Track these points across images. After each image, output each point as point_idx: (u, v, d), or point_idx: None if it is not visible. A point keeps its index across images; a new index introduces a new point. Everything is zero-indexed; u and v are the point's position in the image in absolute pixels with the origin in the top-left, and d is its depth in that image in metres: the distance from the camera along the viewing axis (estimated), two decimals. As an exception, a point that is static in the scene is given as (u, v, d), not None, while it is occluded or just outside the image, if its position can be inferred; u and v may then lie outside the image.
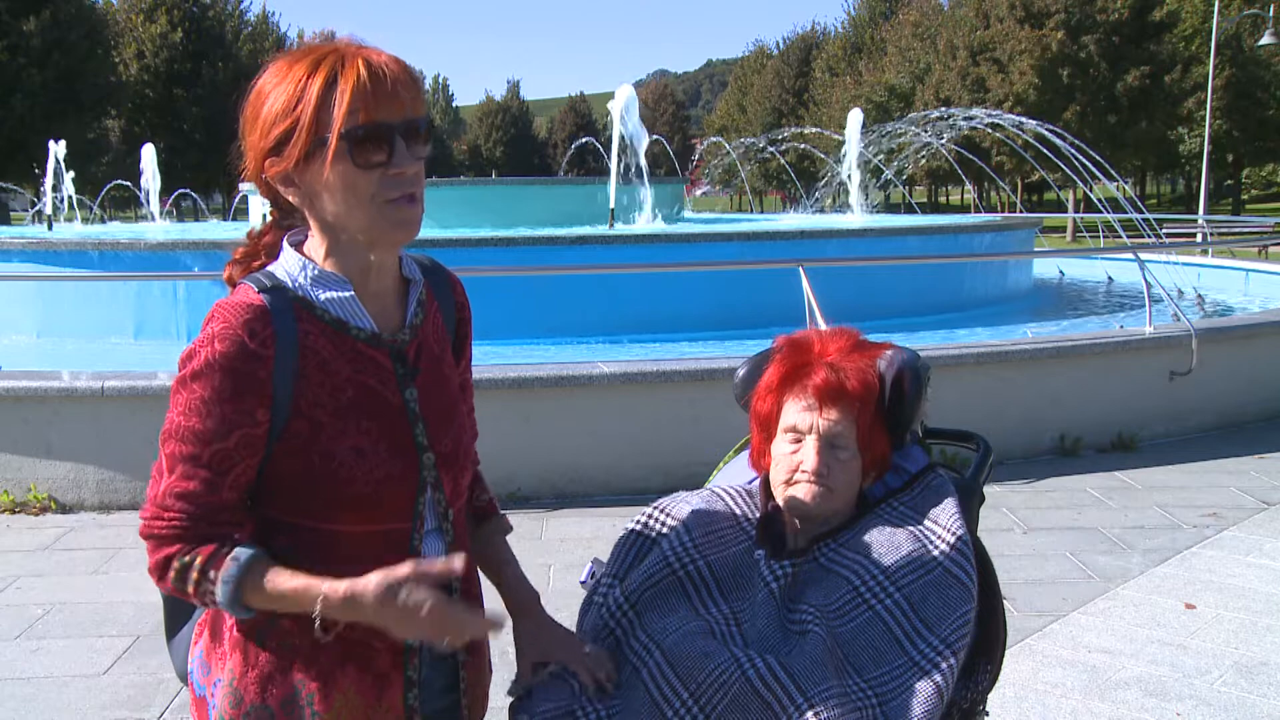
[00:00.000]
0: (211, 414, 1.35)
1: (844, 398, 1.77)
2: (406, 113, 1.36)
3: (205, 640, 1.51)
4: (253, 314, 1.37)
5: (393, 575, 1.31)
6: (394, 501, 1.43)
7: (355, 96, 1.32)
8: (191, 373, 1.36)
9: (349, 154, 1.34)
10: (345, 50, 1.36)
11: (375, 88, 1.33)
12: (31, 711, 3.46)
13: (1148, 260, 8.13)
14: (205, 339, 1.36)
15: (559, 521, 5.35)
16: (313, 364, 1.40)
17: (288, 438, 1.39)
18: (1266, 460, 6.38)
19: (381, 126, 1.34)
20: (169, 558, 1.37)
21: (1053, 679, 3.59)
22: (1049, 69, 36.84)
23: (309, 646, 1.43)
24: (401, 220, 1.38)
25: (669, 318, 8.68)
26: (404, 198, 1.37)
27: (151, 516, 1.39)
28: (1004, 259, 11.49)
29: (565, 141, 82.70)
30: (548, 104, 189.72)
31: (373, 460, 1.41)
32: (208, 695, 1.49)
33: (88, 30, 37.97)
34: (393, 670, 1.47)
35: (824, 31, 67.59)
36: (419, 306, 1.52)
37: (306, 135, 1.34)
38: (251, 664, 1.44)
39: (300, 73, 1.35)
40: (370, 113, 1.33)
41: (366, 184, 1.35)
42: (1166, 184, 72.87)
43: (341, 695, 1.44)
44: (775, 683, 1.54)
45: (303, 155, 1.35)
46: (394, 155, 1.35)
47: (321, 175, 1.36)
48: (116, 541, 5.13)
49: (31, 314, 9.30)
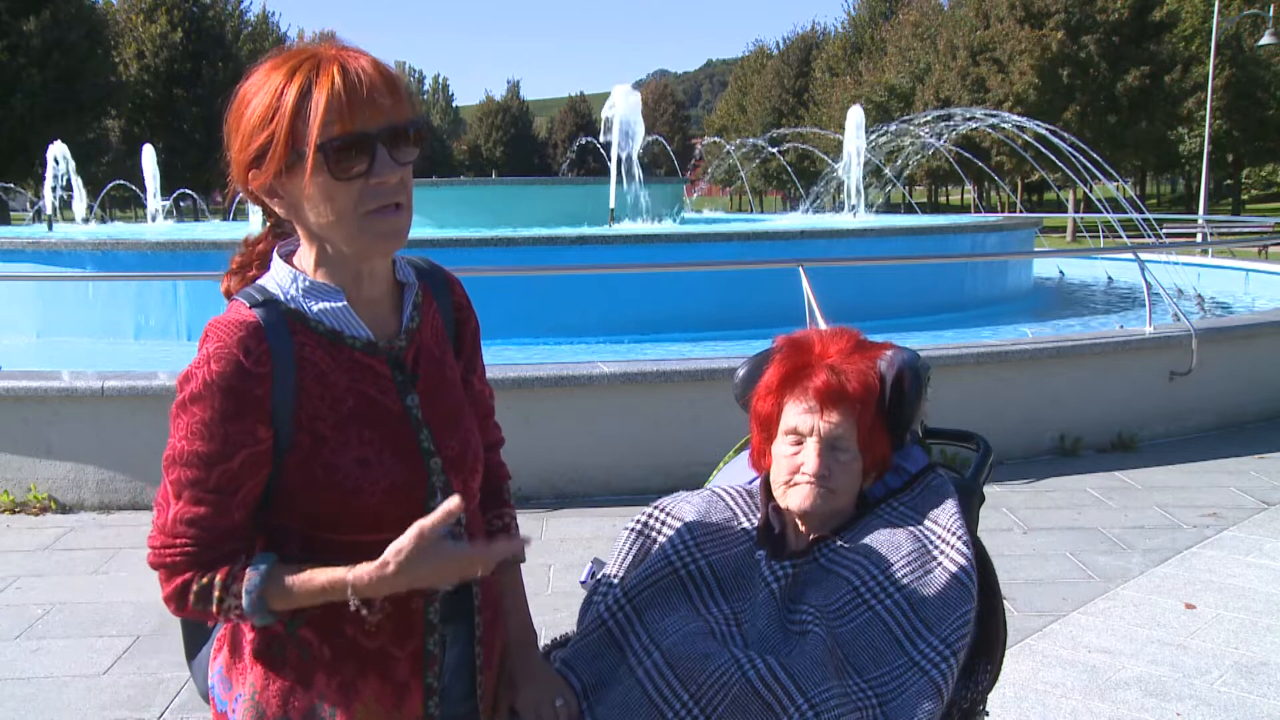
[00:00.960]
0: (214, 436, 1.33)
1: (845, 400, 1.77)
2: (388, 118, 1.33)
3: (225, 656, 1.50)
4: (246, 331, 1.35)
5: (406, 546, 1.31)
6: (403, 509, 1.40)
7: (330, 106, 1.29)
8: (190, 395, 1.34)
9: (326, 166, 1.31)
10: (322, 56, 1.32)
11: (351, 96, 1.30)
12: (31, 711, 3.46)
13: (1148, 260, 8.13)
14: (201, 360, 1.35)
15: (559, 521, 5.35)
16: (310, 377, 1.38)
17: (291, 453, 1.38)
18: (1266, 460, 6.37)
19: (360, 136, 1.31)
20: (186, 584, 1.36)
21: (1053, 679, 3.59)
22: (1049, 69, 36.84)
23: (329, 657, 1.43)
24: (386, 231, 1.36)
25: (669, 318, 8.68)
26: (388, 207, 1.35)
27: (162, 546, 1.37)
28: (1004, 259, 11.50)
29: (565, 141, 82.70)
30: (548, 104, 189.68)
31: (378, 470, 1.40)
32: (229, 711, 1.48)
33: (88, 30, 37.96)
34: (412, 678, 1.46)
35: (824, 31, 67.67)
36: (415, 310, 1.50)
37: (283, 148, 1.31)
38: (272, 677, 1.43)
39: (278, 81, 1.32)
40: (347, 123, 1.30)
41: (347, 195, 1.33)
42: (1166, 184, 72.87)
43: (363, 705, 1.43)
44: (775, 683, 1.54)
45: (282, 168, 1.33)
46: (374, 165, 1.32)
47: (302, 187, 1.33)
48: (116, 541, 5.13)
49: (31, 314, 9.30)
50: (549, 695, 1.62)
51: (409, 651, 1.45)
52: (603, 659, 1.69)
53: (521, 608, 1.69)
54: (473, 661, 1.55)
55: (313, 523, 1.41)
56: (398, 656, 1.45)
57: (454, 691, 1.53)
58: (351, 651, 1.43)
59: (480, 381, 1.65)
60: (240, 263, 1.50)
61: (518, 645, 1.66)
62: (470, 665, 1.55)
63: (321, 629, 1.42)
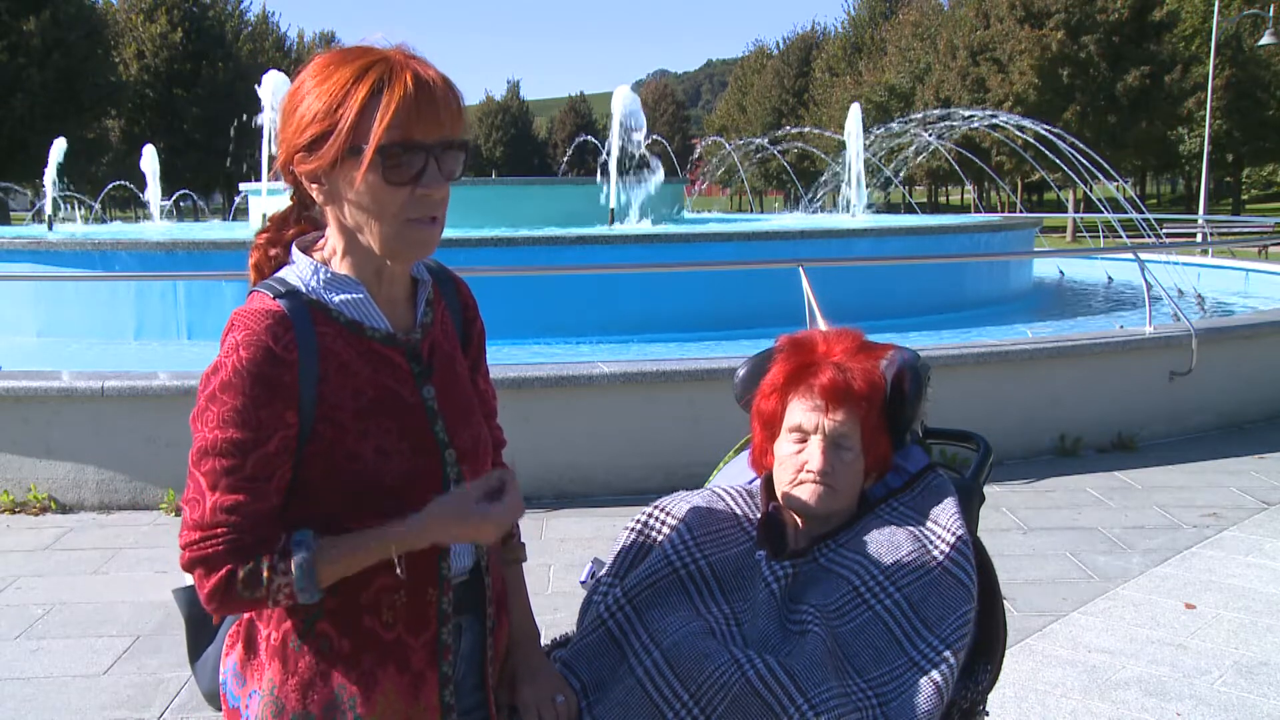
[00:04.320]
0: (248, 422, 1.34)
1: (850, 398, 1.77)
2: (445, 133, 1.35)
3: (239, 653, 1.50)
4: (274, 319, 1.37)
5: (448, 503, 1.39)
6: (419, 498, 1.42)
7: (399, 111, 1.31)
8: (221, 384, 1.35)
9: (382, 168, 1.33)
10: (395, 60, 1.34)
11: (420, 106, 1.32)
12: (31, 711, 3.46)
13: (1148, 260, 8.13)
14: (229, 349, 1.35)
15: (559, 521, 5.35)
16: (333, 366, 1.40)
17: (313, 440, 1.39)
18: (1266, 460, 6.37)
19: (418, 145, 1.33)
20: (230, 574, 1.34)
21: (1053, 679, 3.59)
22: (1049, 69, 36.82)
23: (349, 650, 1.43)
24: (419, 240, 1.39)
25: (669, 318, 8.68)
26: (425, 219, 1.38)
27: (200, 540, 1.35)
28: (1004, 259, 11.50)
29: (565, 141, 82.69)
30: (548, 104, 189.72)
31: (396, 459, 1.42)
32: (242, 707, 1.48)
33: (88, 30, 37.94)
34: (428, 668, 1.47)
35: (824, 31, 67.63)
36: (428, 306, 1.53)
37: (343, 140, 1.33)
38: (291, 671, 1.43)
39: (346, 75, 1.34)
40: (409, 130, 1.32)
41: (393, 200, 1.35)
42: (1166, 184, 72.86)
43: (383, 696, 1.44)
44: (775, 683, 1.54)
45: (336, 159, 1.35)
46: (425, 176, 1.35)
47: (351, 182, 1.36)
48: (116, 541, 5.13)
49: (31, 314, 9.30)
50: (549, 693, 1.63)
51: (424, 641, 1.47)
52: (603, 659, 1.69)
53: (524, 605, 1.71)
54: (484, 652, 1.58)
55: (332, 511, 1.41)
56: (413, 646, 1.46)
57: (467, 682, 1.55)
58: (370, 643, 1.44)
59: (485, 382, 1.68)
60: (267, 239, 1.51)
61: (520, 643, 1.68)
62: (481, 656, 1.58)
63: (340, 622, 1.43)
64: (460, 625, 1.53)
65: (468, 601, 1.54)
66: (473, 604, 1.55)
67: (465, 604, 1.54)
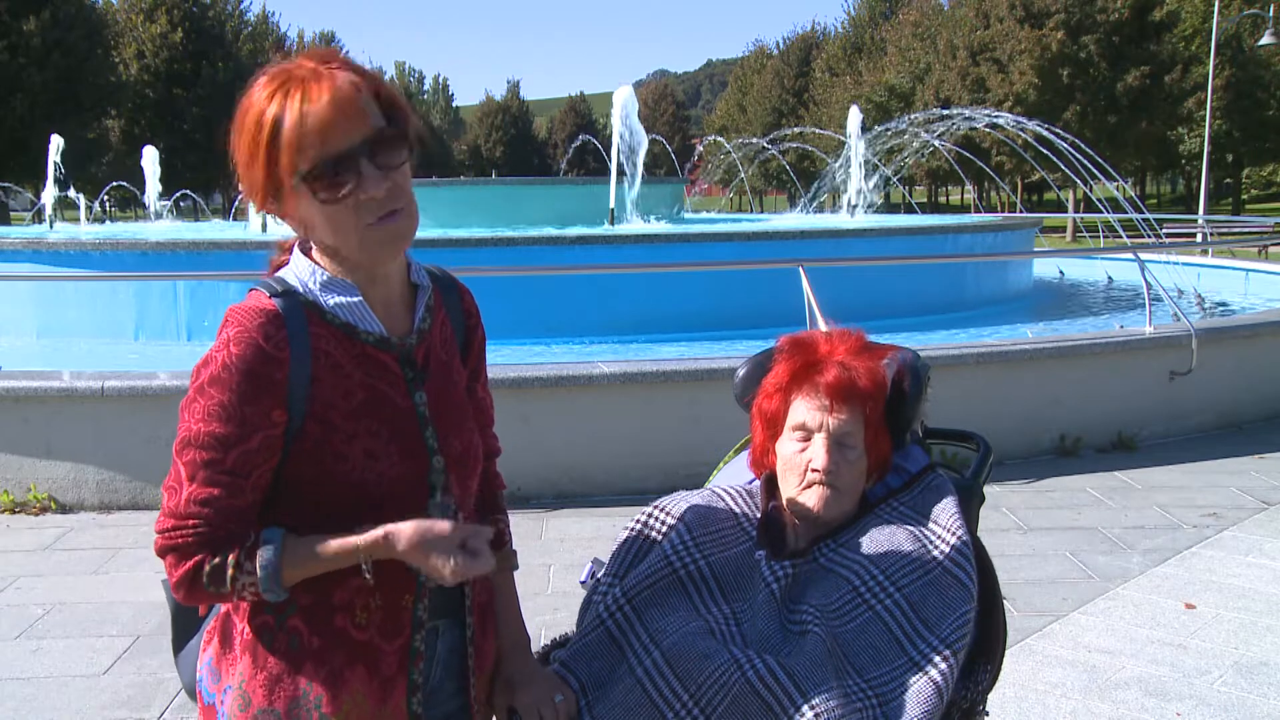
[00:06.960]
0: (232, 418, 1.35)
1: (855, 397, 1.77)
2: (365, 129, 1.33)
3: (215, 647, 1.50)
4: (266, 318, 1.37)
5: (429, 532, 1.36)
6: (405, 503, 1.42)
7: (302, 136, 1.30)
8: (209, 378, 1.36)
9: (312, 194, 1.33)
10: (293, 77, 1.33)
11: (321, 121, 1.31)
12: (31, 711, 3.46)
13: (1148, 260, 8.13)
14: (221, 344, 1.36)
15: (559, 521, 5.35)
16: (325, 367, 1.41)
17: (301, 440, 1.39)
18: (1266, 460, 6.37)
19: (341, 156, 1.32)
20: (198, 566, 1.36)
21: (1053, 679, 3.59)
22: (1049, 69, 36.82)
23: (318, 647, 1.43)
24: (386, 239, 1.38)
25: (669, 318, 8.68)
26: (386, 216, 1.36)
27: (172, 528, 1.36)
28: (1004, 259, 11.50)
29: (565, 141, 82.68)
30: (548, 104, 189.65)
31: (384, 463, 1.42)
32: (217, 703, 1.48)
33: (88, 30, 37.95)
34: (398, 674, 1.47)
35: (824, 31, 67.67)
36: (426, 312, 1.52)
37: (267, 181, 1.34)
38: (260, 666, 1.44)
39: (260, 107, 1.33)
40: (322, 146, 1.31)
41: (342, 214, 1.35)
42: (1166, 184, 72.84)
43: (350, 697, 1.44)
44: (775, 683, 1.54)
45: (272, 198, 1.36)
46: (361, 181, 1.33)
47: (300, 210, 1.37)
48: (116, 541, 5.13)
49: (31, 314, 9.30)
50: (548, 694, 1.63)
51: (396, 646, 1.46)
52: (602, 659, 1.69)
53: (515, 613, 1.71)
54: (464, 660, 1.57)
55: (317, 513, 1.41)
56: (385, 650, 1.46)
57: (444, 687, 1.55)
58: (341, 642, 1.44)
59: (483, 390, 1.68)
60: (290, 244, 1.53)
61: (512, 649, 1.68)
62: (462, 663, 1.57)
63: (311, 619, 1.43)
64: (437, 629, 1.52)
65: (446, 606, 1.53)
66: (452, 610, 1.55)
67: (444, 608, 1.53)
